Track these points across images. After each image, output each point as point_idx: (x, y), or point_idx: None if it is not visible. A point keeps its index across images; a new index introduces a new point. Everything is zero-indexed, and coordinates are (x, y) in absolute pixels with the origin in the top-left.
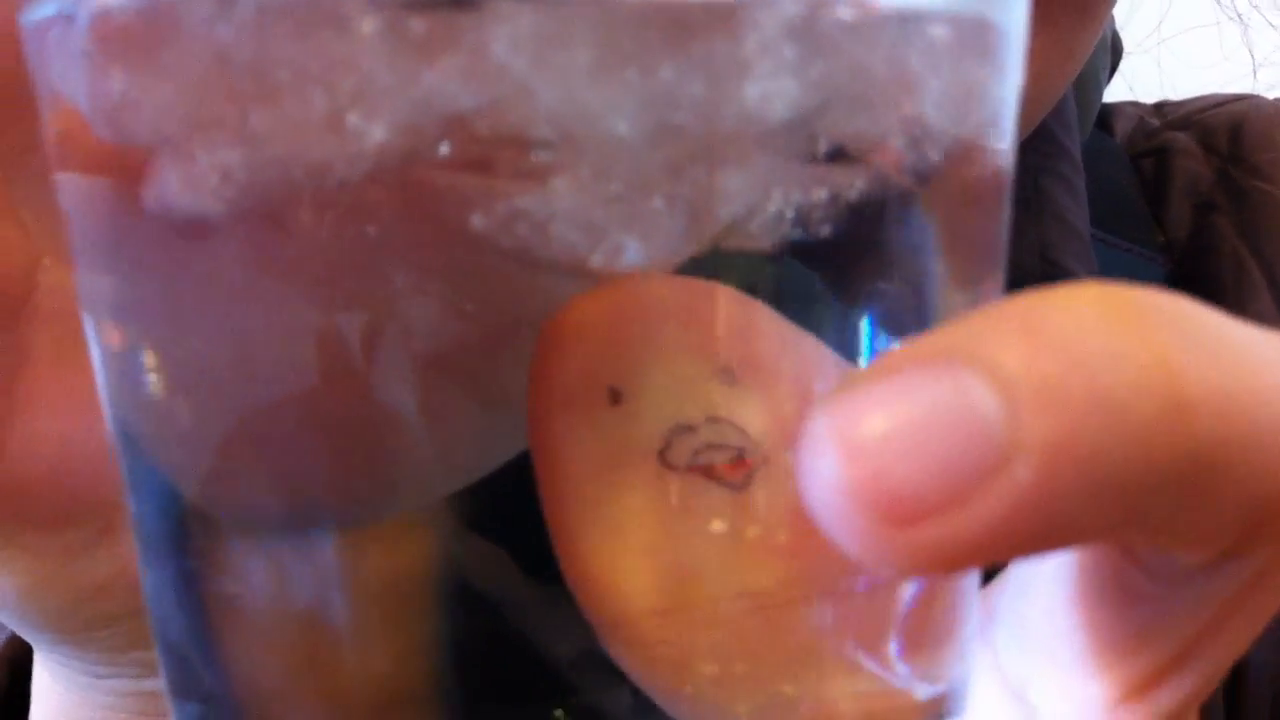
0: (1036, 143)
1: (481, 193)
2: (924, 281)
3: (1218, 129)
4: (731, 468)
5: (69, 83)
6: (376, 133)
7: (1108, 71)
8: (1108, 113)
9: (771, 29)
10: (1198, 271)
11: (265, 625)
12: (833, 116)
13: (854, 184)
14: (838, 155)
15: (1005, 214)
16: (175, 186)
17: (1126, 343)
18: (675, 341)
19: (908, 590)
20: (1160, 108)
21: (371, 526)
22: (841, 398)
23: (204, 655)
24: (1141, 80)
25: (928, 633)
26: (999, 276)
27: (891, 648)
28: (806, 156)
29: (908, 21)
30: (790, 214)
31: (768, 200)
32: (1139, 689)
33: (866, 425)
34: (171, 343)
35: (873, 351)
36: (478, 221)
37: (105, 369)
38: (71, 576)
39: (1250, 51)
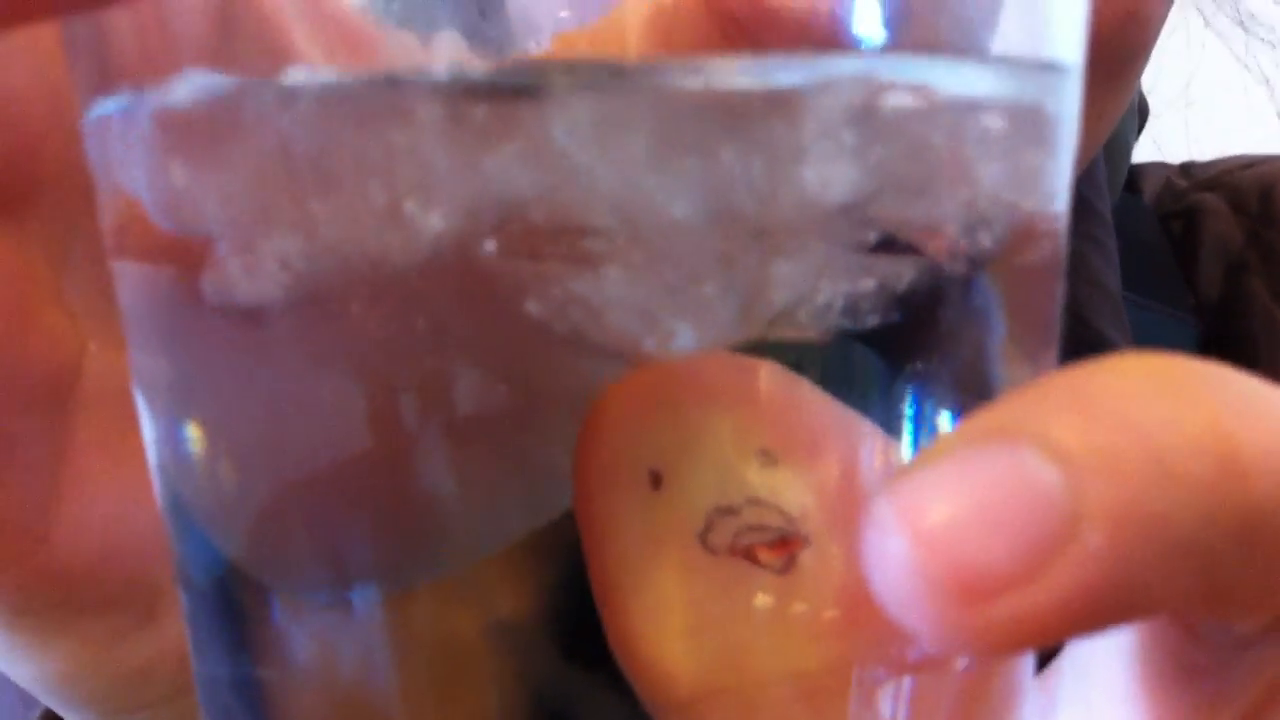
0: (1071, 205)
1: (536, 279)
2: (983, 360)
3: (1247, 190)
4: (773, 550)
5: (130, 175)
6: (435, 221)
7: (1135, 133)
8: (1135, 173)
9: (830, 114)
10: (1230, 332)
11: (317, 701)
12: (889, 202)
13: (908, 270)
14: (893, 242)
15: (1060, 289)
16: (235, 276)
17: (1177, 408)
18: (715, 423)
19: (960, 676)
20: (1187, 169)
21: (423, 607)
22: (904, 480)
23: None
24: (1169, 141)
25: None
26: (1054, 350)
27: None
28: (862, 243)
29: (965, 108)
30: (844, 300)
31: (821, 286)
32: None
33: (932, 506)
34: (226, 421)
35: (933, 430)
36: (533, 307)
37: (158, 447)
38: (114, 660)
39: (1278, 113)
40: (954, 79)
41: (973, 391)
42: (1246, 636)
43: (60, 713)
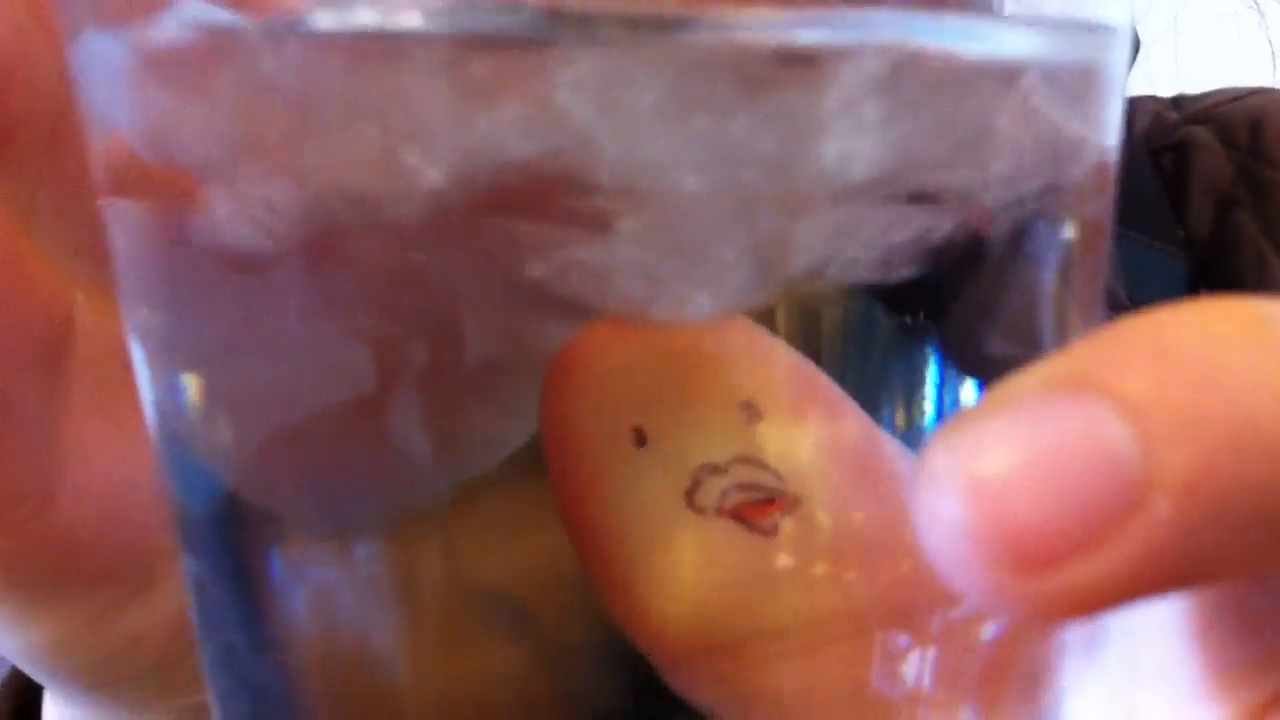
0: None
1: (537, 240)
2: (1028, 316)
3: (1237, 123)
4: (760, 511)
5: (114, 107)
6: (428, 174)
7: (1127, 66)
8: (1126, 107)
9: (853, 84)
10: (1219, 268)
11: (325, 643)
12: (915, 174)
13: (936, 236)
14: (922, 206)
15: (1107, 244)
16: (220, 217)
17: (1264, 362)
18: (696, 377)
19: (981, 636)
20: (1178, 101)
21: (428, 551)
22: (962, 429)
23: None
24: (1159, 72)
25: (1006, 691)
26: (1101, 307)
27: (962, 705)
28: (888, 209)
29: (1001, 73)
30: (867, 263)
31: (842, 251)
32: (1257, 714)
33: (991, 462)
34: (218, 361)
35: (957, 392)
36: (533, 269)
37: (153, 390)
38: (105, 632)
39: (1269, 40)
40: (993, 41)
41: (1018, 345)
42: None
43: (44, 683)
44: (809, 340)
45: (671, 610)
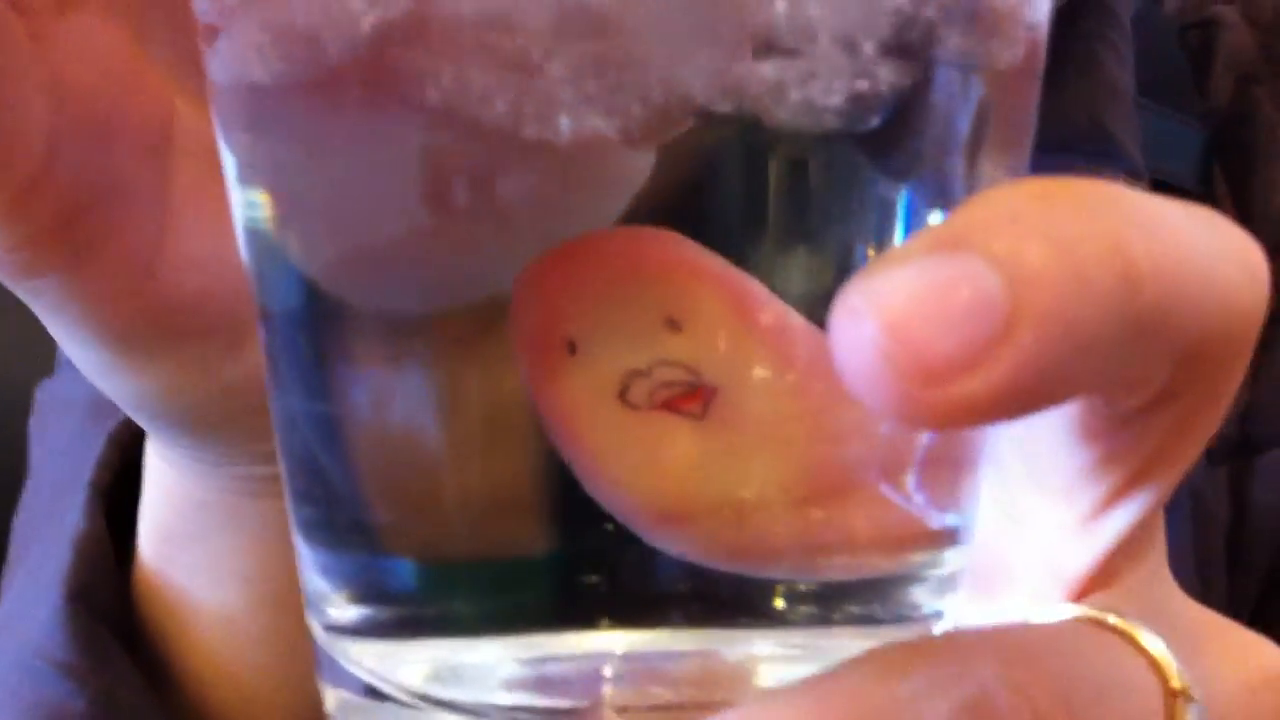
0: (1091, 9)
1: (462, 77)
2: (950, 158)
3: (1262, 3)
4: (685, 400)
5: None
6: (369, 19)
7: None
8: None
9: None
10: (1234, 139)
11: (380, 433)
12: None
13: (875, 71)
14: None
15: (1035, 93)
16: (230, 59)
17: (1091, 228)
18: (622, 295)
19: (923, 439)
20: None
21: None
22: (875, 275)
23: (328, 456)
24: None
25: (943, 472)
26: (1026, 148)
27: (910, 482)
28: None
29: None
30: (797, 98)
31: (754, 85)
32: (1097, 511)
33: (900, 298)
34: (290, 171)
35: (908, 222)
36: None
37: (239, 191)
38: (204, 381)
39: None
40: None
41: (939, 188)
42: (1130, 413)
43: (151, 429)
44: (752, 178)
45: (632, 487)
